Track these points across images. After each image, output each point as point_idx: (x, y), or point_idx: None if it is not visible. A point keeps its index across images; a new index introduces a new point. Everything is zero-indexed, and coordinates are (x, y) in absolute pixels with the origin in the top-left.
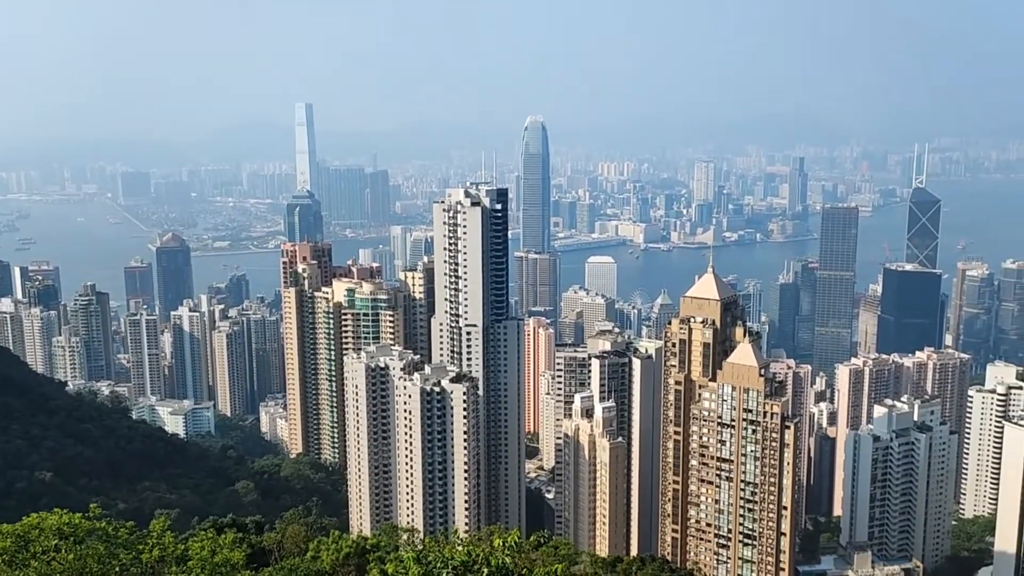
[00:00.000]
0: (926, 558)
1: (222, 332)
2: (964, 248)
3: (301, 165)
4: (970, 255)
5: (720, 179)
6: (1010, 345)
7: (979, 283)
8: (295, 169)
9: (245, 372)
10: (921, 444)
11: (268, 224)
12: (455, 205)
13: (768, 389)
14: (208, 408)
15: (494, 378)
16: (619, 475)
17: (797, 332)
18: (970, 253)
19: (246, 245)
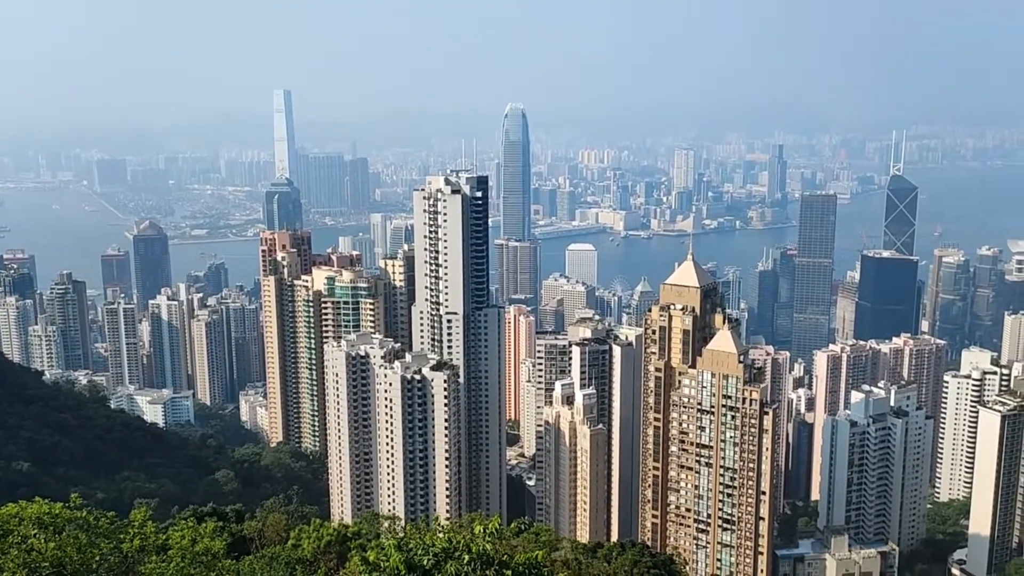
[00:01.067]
0: (902, 541)
1: (201, 321)
2: (941, 235)
3: (280, 153)
4: (946, 242)
5: (700, 167)
6: (985, 331)
7: (955, 270)
8: (274, 157)
9: (224, 361)
10: (897, 429)
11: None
12: (435, 193)
13: (747, 375)
14: (187, 397)
15: (475, 366)
16: (599, 461)
17: (776, 319)
18: (946, 240)
19: (225, 233)
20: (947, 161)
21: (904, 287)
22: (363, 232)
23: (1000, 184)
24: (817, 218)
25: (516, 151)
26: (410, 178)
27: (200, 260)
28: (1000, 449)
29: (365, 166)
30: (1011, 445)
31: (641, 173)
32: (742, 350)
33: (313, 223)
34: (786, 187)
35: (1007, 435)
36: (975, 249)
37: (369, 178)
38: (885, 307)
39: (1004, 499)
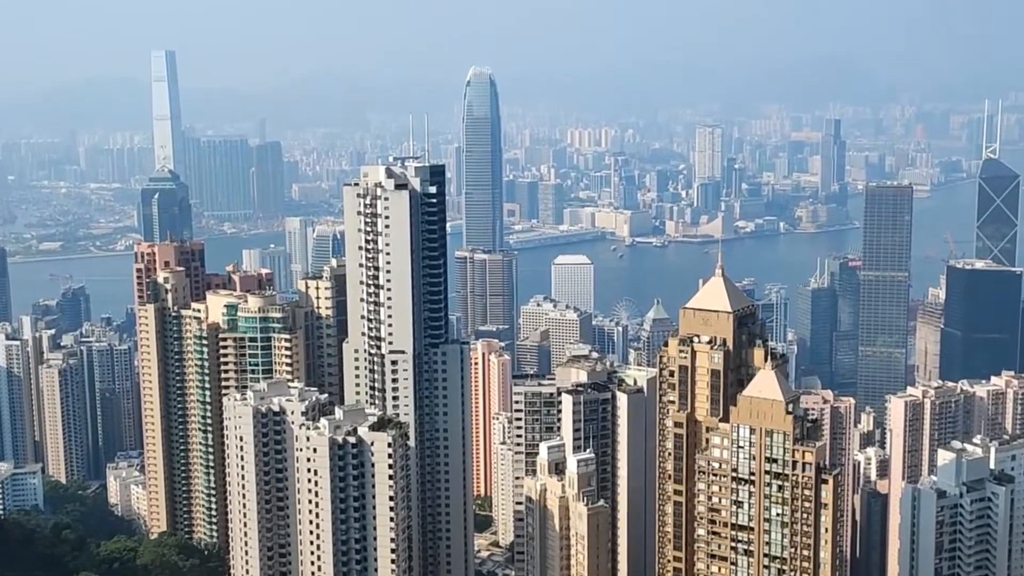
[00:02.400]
0: None
1: (53, 367)
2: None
3: (161, 136)
4: None
5: (731, 150)
6: None
7: None
8: (152, 141)
9: (86, 422)
10: (1000, 500)
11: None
12: (373, 188)
13: (799, 431)
14: (34, 474)
15: (430, 423)
16: (601, 550)
17: (835, 354)
18: None
19: (85, 247)
20: None
21: (1005, 308)
22: (275, 243)
23: None
24: (888, 218)
25: (483, 131)
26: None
27: (51, 284)
28: None
29: (278, 153)
30: None
31: (651, 159)
32: (791, 397)
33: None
34: (845, 176)
35: None
36: None
37: (283, 169)
38: (980, 336)
39: None
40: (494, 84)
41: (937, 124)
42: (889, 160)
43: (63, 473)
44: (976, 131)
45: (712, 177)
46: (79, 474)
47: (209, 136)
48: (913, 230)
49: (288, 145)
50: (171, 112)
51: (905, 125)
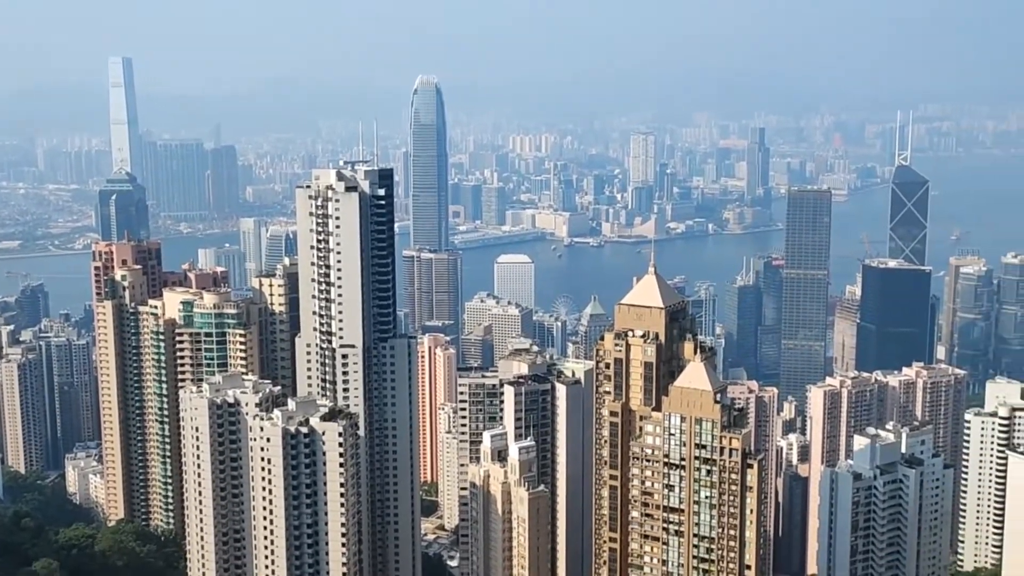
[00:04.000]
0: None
1: (12, 362)
2: (958, 239)
3: (118, 139)
4: (965, 248)
5: (663, 155)
6: (1013, 358)
7: (975, 282)
8: (110, 144)
9: (45, 414)
10: (910, 482)
11: (74, 217)
12: (324, 191)
13: (726, 419)
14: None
15: (379, 414)
16: (541, 533)
17: (760, 346)
18: (965, 245)
19: (44, 245)
20: (963, 148)
21: (915, 304)
22: (230, 242)
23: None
24: (808, 220)
25: (429, 137)
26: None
27: (9, 281)
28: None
29: (232, 157)
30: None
31: (589, 164)
32: (719, 387)
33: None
34: (769, 181)
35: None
36: (999, 256)
37: (238, 172)
38: (893, 330)
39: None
40: (440, 92)
41: (853, 133)
42: (809, 166)
43: (22, 463)
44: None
45: (645, 181)
46: (38, 464)
47: (165, 140)
48: (832, 231)
49: (242, 149)
50: (128, 116)
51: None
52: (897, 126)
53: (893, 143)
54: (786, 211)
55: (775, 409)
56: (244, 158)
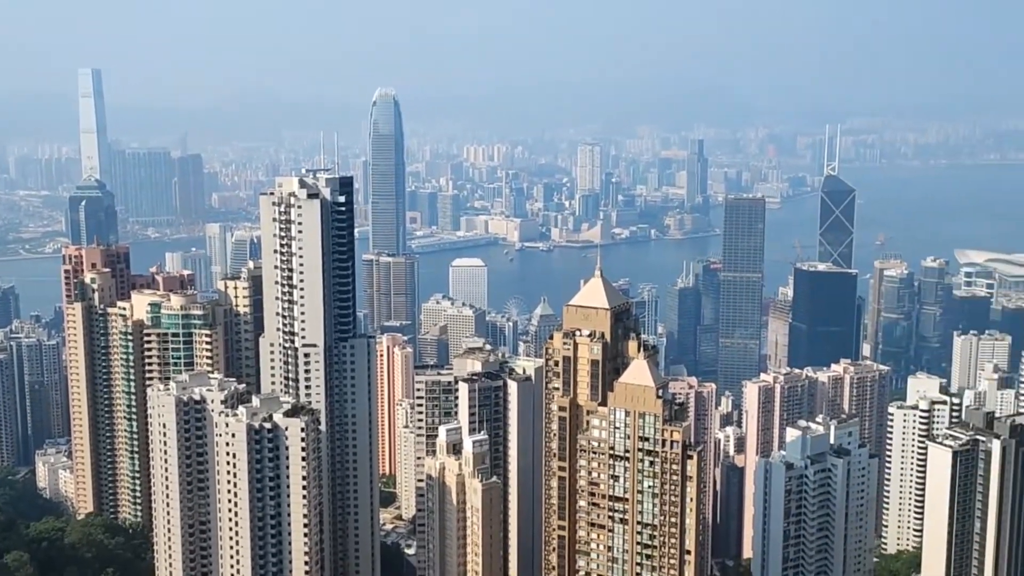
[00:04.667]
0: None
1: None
2: (882, 244)
3: (87, 147)
4: (888, 252)
5: (608, 165)
6: (932, 354)
7: (898, 284)
8: (79, 152)
9: (15, 412)
10: (838, 471)
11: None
12: (287, 197)
13: (667, 413)
14: None
15: (339, 410)
16: (494, 522)
17: (699, 345)
18: (888, 250)
19: (15, 249)
20: (886, 160)
21: (843, 305)
22: (197, 247)
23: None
24: (744, 226)
25: (387, 146)
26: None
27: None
28: (952, 491)
29: (199, 165)
30: (964, 486)
31: (538, 173)
32: (661, 383)
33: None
34: (708, 189)
35: (959, 474)
36: (919, 260)
37: (204, 180)
38: (822, 329)
39: (958, 549)
40: (398, 104)
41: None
42: (745, 175)
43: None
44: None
45: (592, 189)
46: (9, 460)
47: (134, 148)
48: (766, 237)
49: (208, 157)
50: (97, 126)
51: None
52: (826, 138)
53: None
54: (723, 218)
55: (713, 403)
56: (210, 166)
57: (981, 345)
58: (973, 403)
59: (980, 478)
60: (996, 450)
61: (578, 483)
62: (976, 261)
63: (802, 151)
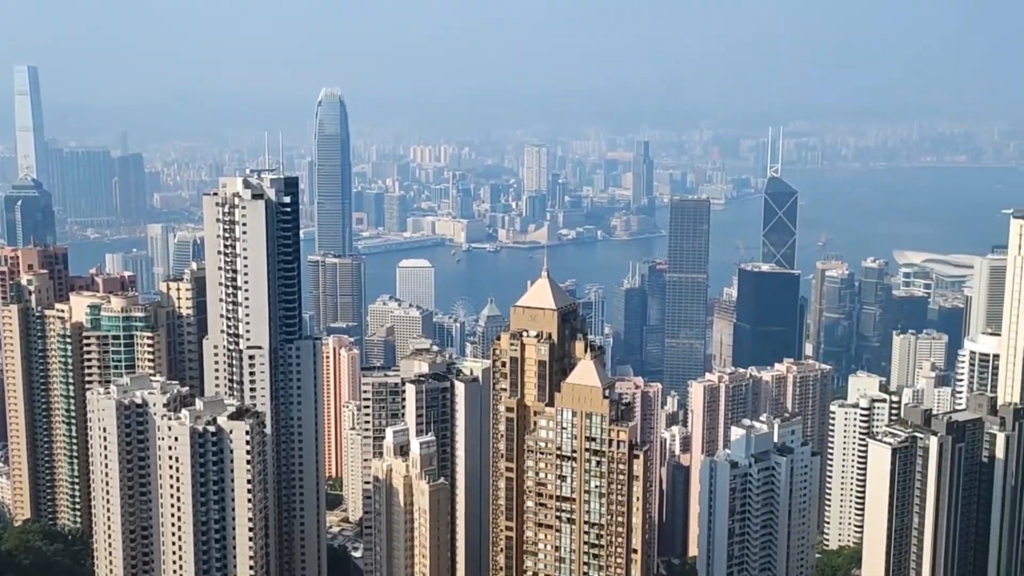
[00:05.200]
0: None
1: None
2: (824, 245)
3: (24, 146)
4: (830, 253)
5: (555, 166)
6: (872, 353)
7: (839, 285)
8: (15, 151)
9: None
10: (782, 469)
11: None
12: (231, 198)
13: (614, 413)
14: None
15: (285, 412)
16: (441, 523)
17: (645, 345)
18: (830, 251)
19: None
20: (827, 162)
21: (786, 305)
22: (138, 247)
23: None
24: (689, 227)
25: (333, 146)
26: (198, 179)
27: None
28: (891, 487)
29: (139, 164)
30: (903, 482)
31: (485, 174)
32: (607, 383)
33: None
34: (653, 190)
35: (898, 471)
36: (860, 261)
37: (145, 179)
38: (765, 328)
39: (898, 544)
40: (343, 104)
41: (730, 147)
42: (690, 177)
43: None
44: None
45: (539, 190)
46: None
47: (72, 147)
48: (710, 238)
49: (149, 157)
50: (34, 124)
51: (703, 147)
52: (769, 141)
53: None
54: (669, 219)
55: (659, 403)
56: (151, 166)
57: (919, 344)
58: (911, 401)
59: (918, 474)
60: (933, 447)
61: (525, 483)
62: (914, 262)
63: (746, 153)
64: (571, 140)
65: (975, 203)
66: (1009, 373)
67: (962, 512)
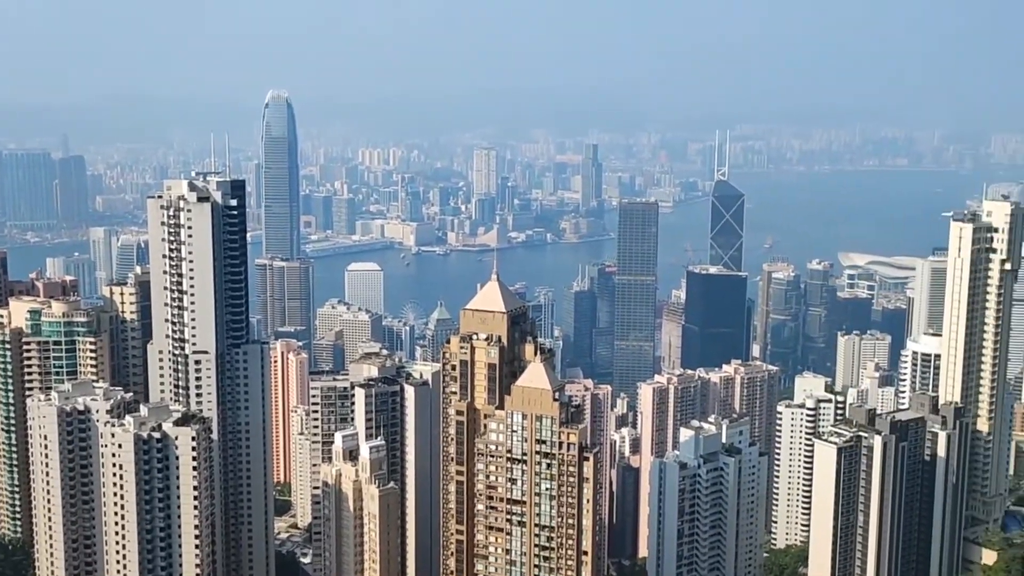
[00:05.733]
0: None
1: None
2: (771, 247)
3: None
4: (776, 255)
5: (504, 169)
6: (818, 354)
7: (785, 287)
8: None
9: None
10: (730, 469)
11: None
12: (176, 201)
13: (564, 415)
14: None
15: (232, 417)
16: (391, 528)
17: (595, 347)
18: (776, 253)
19: None
20: (773, 165)
21: (733, 307)
22: (80, 251)
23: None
24: (638, 229)
25: (280, 149)
26: (143, 182)
27: None
28: (837, 486)
29: (81, 167)
30: (848, 481)
31: (435, 177)
32: (557, 386)
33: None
34: (602, 193)
35: (843, 469)
36: (805, 263)
37: (87, 182)
38: (713, 330)
39: (843, 542)
40: (291, 106)
41: (678, 150)
42: (639, 180)
43: None
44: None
45: (488, 193)
46: None
47: (11, 149)
48: (659, 241)
49: (92, 159)
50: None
51: (651, 150)
52: (716, 144)
53: (712, 160)
54: (618, 222)
55: (609, 405)
56: (93, 168)
57: (863, 345)
58: (856, 401)
59: (863, 473)
60: (877, 446)
61: (476, 487)
62: (858, 263)
63: (693, 156)
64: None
65: (916, 206)
66: (950, 373)
67: (905, 509)
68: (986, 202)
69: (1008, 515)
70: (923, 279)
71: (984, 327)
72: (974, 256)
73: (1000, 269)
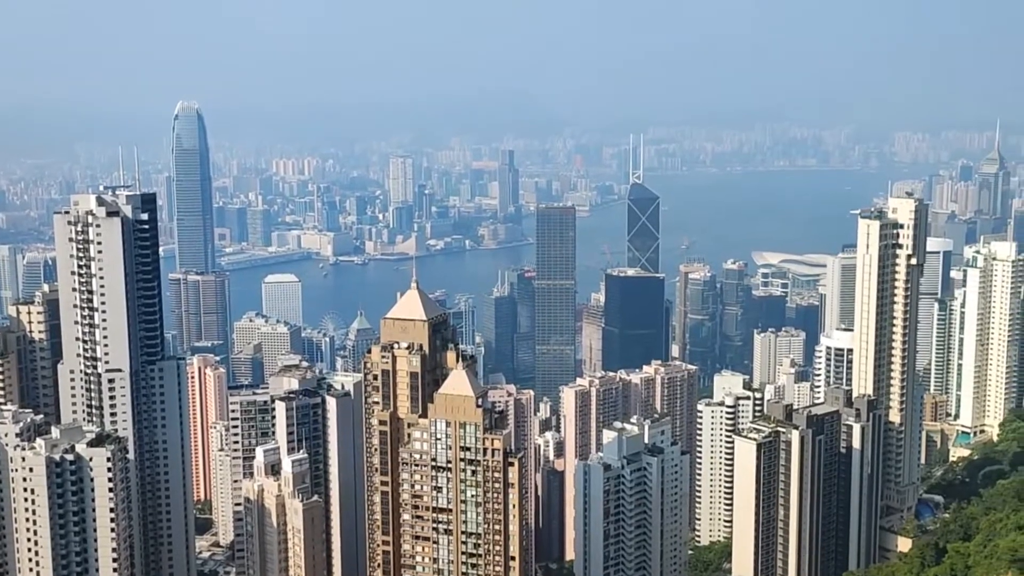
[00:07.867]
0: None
1: None
2: (687, 248)
3: None
4: (692, 256)
5: (421, 177)
6: (736, 352)
7: (701, 287)
8: None
9: None
10: (653, 469)
11: None
12: (84, 216)
13: (487, 422)
14: None
15: (149, 436)
16: (316, 541)
17: (516, 352)
18: (692, 254)
19: None
20: (687, 167)
21: (652, 308)
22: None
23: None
24: (556, 234)
25: (192, 161)
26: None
27: None
28: (757, 481)
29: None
30: (768, 476)
31: (351, 186)
32: (480, 392)
33: None
34: (520, 199)
35: (763, 465)
36: (721, 263)
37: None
38: (633, 332)
39: (765, 536)
40: (201, 117)
41: (593, 154)
42: (555, 185)
43: None
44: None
45: (405, 201)
46: None
47: None
48: (577, 244)
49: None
50: None
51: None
52: (630, 148)
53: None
54: (536, 227)
55: (532, 410)
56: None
57: (778, 341)
58: (773, 397)
59: (782, 467)
60: (795, 440)
61: (401, 496)
62: (771, 262)
63: (608, 160)
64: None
65: (826, 204)
66: (862, 366)
67: (824, 501)
68: (891, 199)
69: (921, 503)
70: (834, 276)
71: (893, 321)
72: (881, 252)
73: (907, 264)
